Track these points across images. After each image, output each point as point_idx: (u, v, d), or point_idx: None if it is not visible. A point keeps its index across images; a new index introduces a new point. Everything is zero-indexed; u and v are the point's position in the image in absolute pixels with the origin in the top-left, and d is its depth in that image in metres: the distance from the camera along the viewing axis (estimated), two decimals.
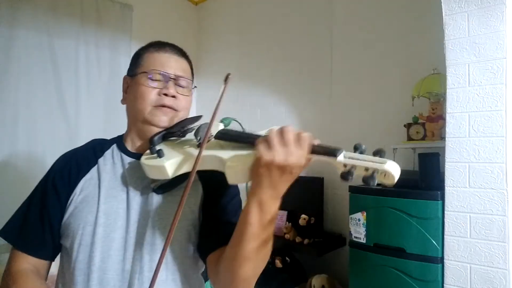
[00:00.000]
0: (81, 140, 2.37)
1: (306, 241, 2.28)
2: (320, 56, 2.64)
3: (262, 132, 0.78)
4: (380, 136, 2.28)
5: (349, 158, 0.68)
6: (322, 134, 2.58)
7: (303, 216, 2.34)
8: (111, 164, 0.92)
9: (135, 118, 0.93)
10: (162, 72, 0.91)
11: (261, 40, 3.02)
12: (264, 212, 0.71)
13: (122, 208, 0.86)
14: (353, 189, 1.90)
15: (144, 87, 0.90)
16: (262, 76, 2.96)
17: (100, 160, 0.93)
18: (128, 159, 0.93)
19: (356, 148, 0.71)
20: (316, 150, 0.70)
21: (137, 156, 0.91)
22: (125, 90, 0.97)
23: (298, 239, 2.32)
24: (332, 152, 0.69)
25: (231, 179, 0.74)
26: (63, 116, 2.39)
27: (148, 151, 0.85)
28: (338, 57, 2.56)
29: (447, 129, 1.59)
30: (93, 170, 0.91)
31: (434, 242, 1.60)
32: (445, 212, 1.57)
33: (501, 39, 1.47)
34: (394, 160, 0.67)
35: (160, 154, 0.82)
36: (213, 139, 0.82)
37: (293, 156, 0.68)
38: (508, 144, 1.45)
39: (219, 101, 0.79)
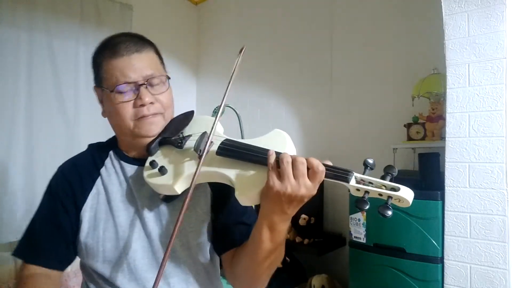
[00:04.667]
0: (81, 140, 2.40)
1: (306, 241, 2.29)
2: (320, 56, 2.63)
3: (266, 142, 0.77)
4: (380, 136, 2.28)
5: (361, 181, 0.68)
6: (322, 134, 2.58)
7: (303, 216, 2.34)
8: (114, 174, 0.89)
9: (122, 133, 0.87)
10: (128, 83, 0.81)
11: (261, 40, 3.01)
12: (274, 231, 0.74)
13: (136, 219, 0.85)
14: None
15: (117, 104, 0.82)
16: (262, 76, 2.96)
17: (103, 171, 0.89)
18: (129, 167, 0.89)
19: (366, 166, 0.70)
20: (326, 175, 0.69)
21: (136, 162, 0.88)
22: (101, 102, 0.90)
23: (298, 239, 2.32)
24: (343, 178, 0.68)
25: (243, 203, 0.74)
26: (62, 117, 2.38)
27: (147, 164, 0.81)
28: (338, 57, 2.56)
29: (447, 129, 1.59)
30: (98, 183, 0.88)
31: (434, 242, 1.60)
32: (445, 212, 1.57)
33: (501, 39, 1.47)
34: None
35: (163, 171, 0.79)
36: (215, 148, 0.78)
37: (306, 188, 0.68)
38: (508, 144, 1.45)
39: (231, 79, 0.78)
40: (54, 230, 0.86)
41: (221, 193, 0.89)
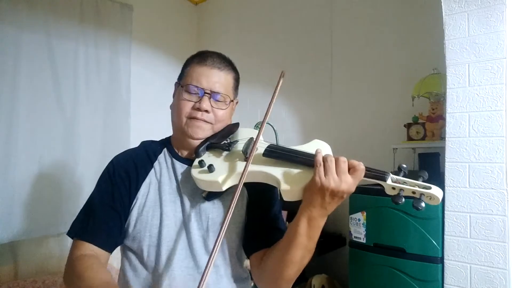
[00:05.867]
0: (80, 140, 2.40)
1: None
2: (320, 56, 2.63)
3: (306, 149, 0.87)
4: (380, 136, 2.28)
5: (396, 181, 0.77)
6: (322, 134, 2.58)
7: None
8: (165, 168, 1.00)
9: (175, 126, 1.01)
10: (197, 87, 0.96)
11: (261, 40, 3.01)
12: (312, 226, 0.82)
13: (179, 211, 0.95)
14: None
15: (180, 100, 0.97)
16: (262, 76, 2.96)
17: (156, 164, 1.01)
18: (179, 165, 1.00)
19: (400, 169, 0.80)
20: (367, 175, 0.79)
21: (186, 161, 1.00)
22: (174, 95, 1.04)
23: None
24: (381, 177, 0.78)
25: (286, 198, 0.83)
26: (62, 117, 2.37)
27: (196, 163, 0.92)
28: (338, 57, 2.56)
29: (447, 129, 1.59)
30: (151, 175, 0.99)
31: (434, 242, 1.60)
32: (445, 212, 1.57)
33: (501, 39, 1.47)
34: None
35: (211, 168, 0.88)
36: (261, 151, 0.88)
37: (347, 184, 0.77)
38: (508, 144, 1.45)
39: (271, 101, 0.90)
40: (110, 212, 0.95)
41: (257, 198, 0.99)
